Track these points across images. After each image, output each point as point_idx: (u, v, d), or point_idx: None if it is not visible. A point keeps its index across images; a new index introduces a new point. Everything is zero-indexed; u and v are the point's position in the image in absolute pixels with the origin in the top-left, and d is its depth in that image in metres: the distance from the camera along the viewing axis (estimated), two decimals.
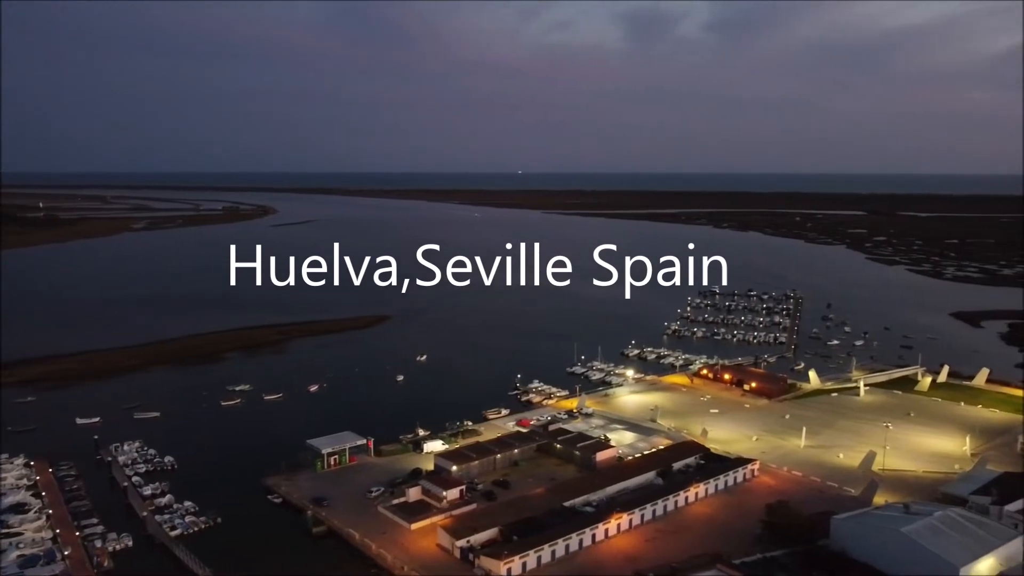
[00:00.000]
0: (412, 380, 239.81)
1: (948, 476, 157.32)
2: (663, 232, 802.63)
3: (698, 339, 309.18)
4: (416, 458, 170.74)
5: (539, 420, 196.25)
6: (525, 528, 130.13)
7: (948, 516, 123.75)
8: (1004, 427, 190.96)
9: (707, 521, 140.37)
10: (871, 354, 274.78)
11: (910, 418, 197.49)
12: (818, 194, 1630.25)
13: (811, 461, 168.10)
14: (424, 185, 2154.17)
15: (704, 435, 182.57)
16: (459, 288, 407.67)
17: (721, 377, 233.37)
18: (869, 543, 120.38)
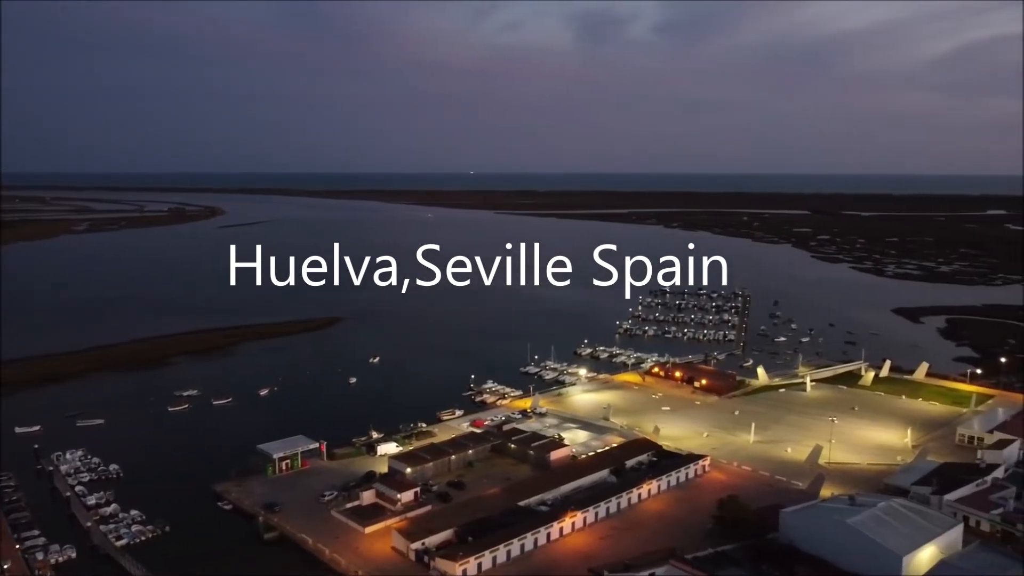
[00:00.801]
0: (365, 382, 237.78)
1: (891, 468, 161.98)
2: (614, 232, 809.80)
3: (649, 338, 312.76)
4: (370, 461, 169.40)
5: (493, 420, 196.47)
6: (480, 528, 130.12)
7: (891, 507, 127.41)
8: (943, 419, 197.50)
9: (660, 517, 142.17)
10: (817, 350, 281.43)
11: (854, 412, 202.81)
12: (764, 194, 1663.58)
13: (760, 456, 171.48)
14: (377, 186, 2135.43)
15: (656, 432, 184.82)
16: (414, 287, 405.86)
17: (672, 375, 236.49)
18: (816, 535, 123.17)
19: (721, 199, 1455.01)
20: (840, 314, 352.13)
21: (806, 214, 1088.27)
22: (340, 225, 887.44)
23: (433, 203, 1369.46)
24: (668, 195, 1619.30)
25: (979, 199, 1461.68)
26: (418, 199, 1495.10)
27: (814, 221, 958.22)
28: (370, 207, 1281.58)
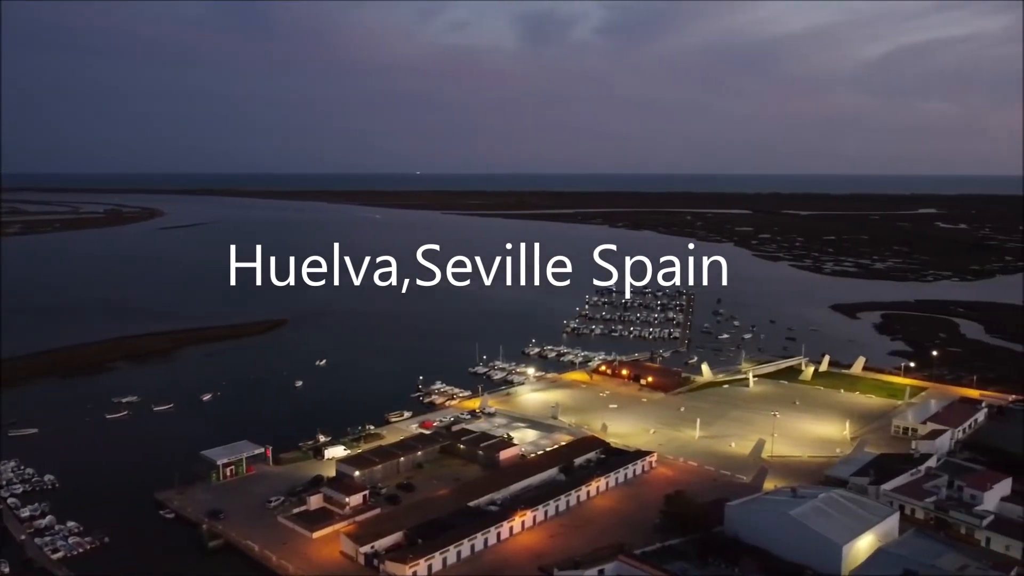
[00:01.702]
0: (311, 385, 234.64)
1: (830, 460, 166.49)
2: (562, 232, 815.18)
3: (596, 336, 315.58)
4: (317, 465, 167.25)
5: (442, 421, 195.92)
6: (430, 530, 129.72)
7: (831, 497, 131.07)
8: (880, 411, 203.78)
9: (609, 514, 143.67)
10: (759, 346, 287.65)
11: (795, 406, 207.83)
12: (707, 194, 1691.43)
13: (705, 451, 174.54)
14: (323, 186, 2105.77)
15: (604, 430, 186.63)
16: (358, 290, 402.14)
17: (619, 373, 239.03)
18: (760, 527, 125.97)
19: (665, 199, 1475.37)
20: (781, 311, 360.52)
21: (747, 213, 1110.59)
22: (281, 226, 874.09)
23: (379, 204, 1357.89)
24: (614, 195, 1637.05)
25: (911, 198, 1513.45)
26: (365, 200, 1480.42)
27: (755, 220, 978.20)
28: (315, 208, 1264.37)
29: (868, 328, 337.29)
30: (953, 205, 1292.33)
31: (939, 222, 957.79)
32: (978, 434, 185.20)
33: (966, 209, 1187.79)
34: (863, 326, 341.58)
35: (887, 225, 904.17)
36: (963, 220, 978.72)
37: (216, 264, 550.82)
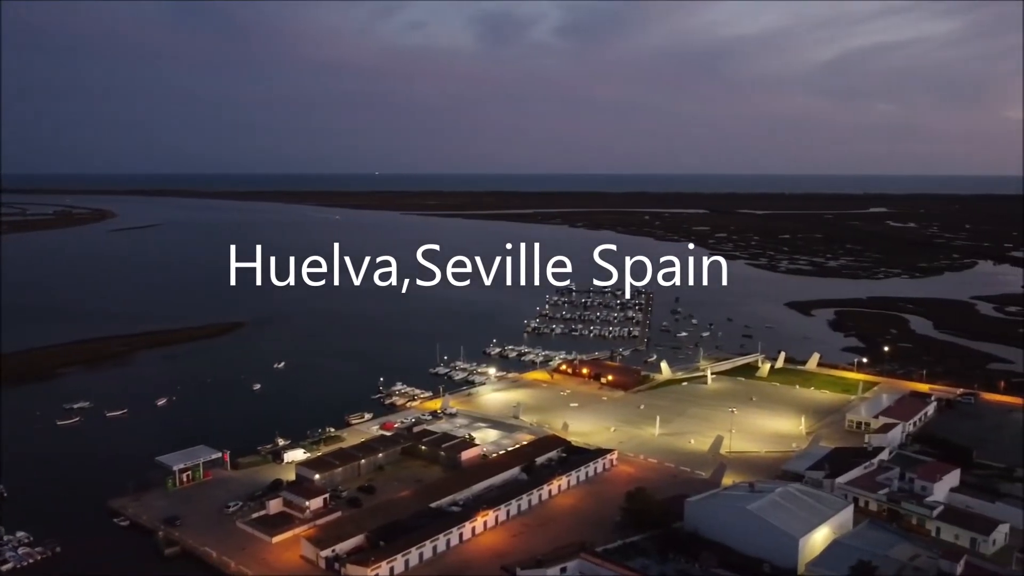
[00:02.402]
0: (269, 388, 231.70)
1: (787, 454, 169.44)
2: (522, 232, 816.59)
3: (557, 336, 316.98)
4: (276, 469, 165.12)
5: (403, 422, 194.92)
6: (392, 532, 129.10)
7: (788, 491, 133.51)
8: (834, 406, 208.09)
9: (571, 512, 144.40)
10: (716, 344, 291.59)
11: (753, 402, 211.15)
12: (665, 193, 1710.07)
13: (665, 448, 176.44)
14: (280, 187, 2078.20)
15: (565, 429, 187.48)
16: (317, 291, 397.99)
17: (579, 372, 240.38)
18: (719, 522, 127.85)
19: (623, 199, 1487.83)
20: (737, 309, 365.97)
21: (704, 213, 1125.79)
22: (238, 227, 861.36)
23: (338, 204, 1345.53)
24: (572, 195, 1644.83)
25: (862, 198, 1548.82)
26: (323, 200, 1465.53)
27: (712, 220, 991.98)
28: (273, 208, 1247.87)
29: (822, 325, 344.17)
30: (902, 204, 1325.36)
31: (889, 221, 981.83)
32: (928, 427, 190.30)
33: (914, 208, 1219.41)
34: (817, 323, 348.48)
35: (840, 224, 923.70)
36: (912, 219, 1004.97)
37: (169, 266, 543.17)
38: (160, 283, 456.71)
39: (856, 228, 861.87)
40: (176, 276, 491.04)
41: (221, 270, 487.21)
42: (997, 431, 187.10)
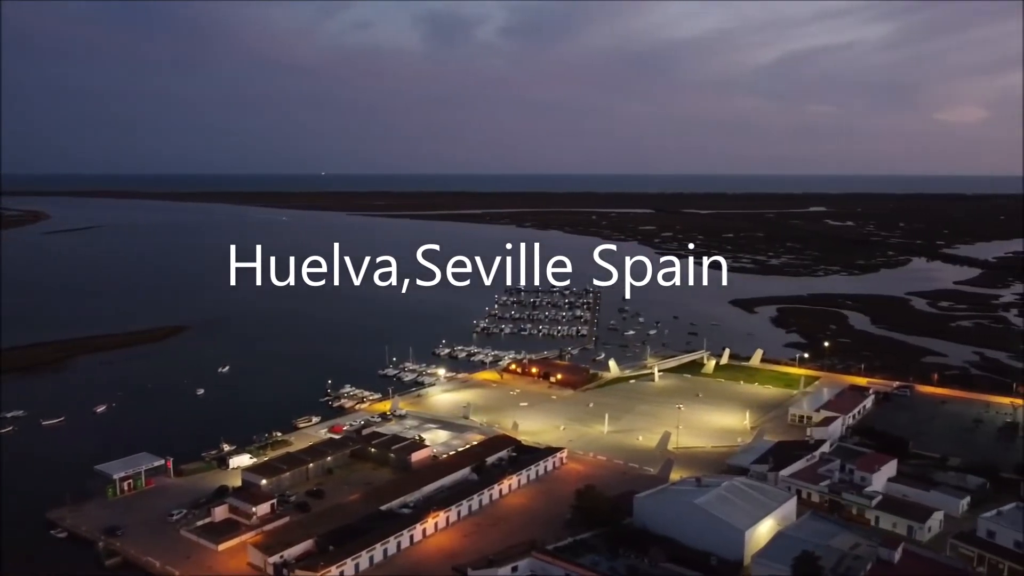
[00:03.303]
0: (214, 393, 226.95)
1: (732, 449, 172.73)
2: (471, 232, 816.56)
3: (506, 336, 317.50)
4: (222, 475, 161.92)
5: (352, 425, 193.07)
6: (342, 536, 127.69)
7: (733, 485, 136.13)
8: (777, 401, 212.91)
9: (521, 511, 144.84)
10: (663, 342, 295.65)
11: (699, 399, 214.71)
12: (612, 194, 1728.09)
13: (614, 445, 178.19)
14: (223, 187, 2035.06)
15: (515, 428, 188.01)
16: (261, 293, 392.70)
17: (529, 371, 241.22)
18: (667, 517, 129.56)
19: (571, 199, 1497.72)
20: (683, 307, 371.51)
21: (650, 213, 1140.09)
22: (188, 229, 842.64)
23: (284, 205, 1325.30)
24: (521, 195, 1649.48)
25: (802, 197, 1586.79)
26: (268, 201, 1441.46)
27: (658, 219, 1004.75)
28: (217, 210, 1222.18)
29: (765, 322, 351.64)
30: (840, 203, 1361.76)
31: (828, 220, 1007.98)
32: (866, 419, 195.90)
33: (851, 207, 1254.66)
34: (760, 320, 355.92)
35: (781, 223, 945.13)
36: (850, 218, 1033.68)
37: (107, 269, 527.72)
38: (97, 287, 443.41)
39: (797, 227, 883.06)
40: (114, 280, 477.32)
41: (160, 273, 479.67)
42: (931, 422, 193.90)
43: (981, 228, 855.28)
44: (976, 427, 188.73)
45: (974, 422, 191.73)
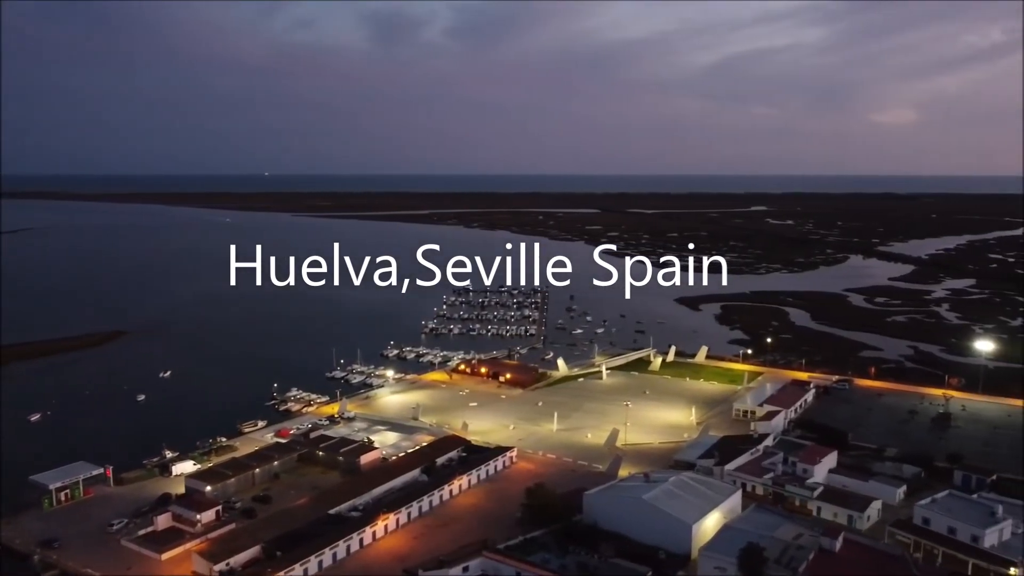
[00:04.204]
0: (155, 399, 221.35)
1: (679, 445, 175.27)
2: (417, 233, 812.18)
3: (455, 336, 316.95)
4: (164, 482, 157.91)
5: (299, 428, 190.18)
6: (289, 541, 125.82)
7: (680, 480, 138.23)
8: (722, 397, 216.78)
9: (472, 511, 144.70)
10: (610, 340, 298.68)
11: (646, 396, 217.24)
12: (559, 194, 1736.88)
13: (563, 443, 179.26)
14: (163, 188, 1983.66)
15: (465, 428, 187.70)
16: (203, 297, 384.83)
17: (478, 371, 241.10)
18: (616, 513, 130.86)
19: (517, 199, 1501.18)
20: (630, 305, 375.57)
21: (596, 212, 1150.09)
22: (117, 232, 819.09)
23: (225, 206, 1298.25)
24: (469, 195, 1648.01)
25: (744, 197, 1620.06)
26: (209, 201, 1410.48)
27: (603, 219, 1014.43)
28: (154, 211, 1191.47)
29: (709, 319, 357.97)
30: (780, 203, 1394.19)
31: (769, 219, 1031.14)
32: (808, 413, 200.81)
33: (791, 206, 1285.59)
34: (705, 317, 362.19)
35: (724, 222, 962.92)
36: (790, 217, 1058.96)
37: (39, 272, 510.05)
38: (30, 291, 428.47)
39: (739, 226, 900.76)
40: (48, 284, 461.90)
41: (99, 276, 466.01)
42: (869, 414, 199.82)
43: (914, 227, 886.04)
44: (911, 418, 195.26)
45: (909, 413, 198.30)
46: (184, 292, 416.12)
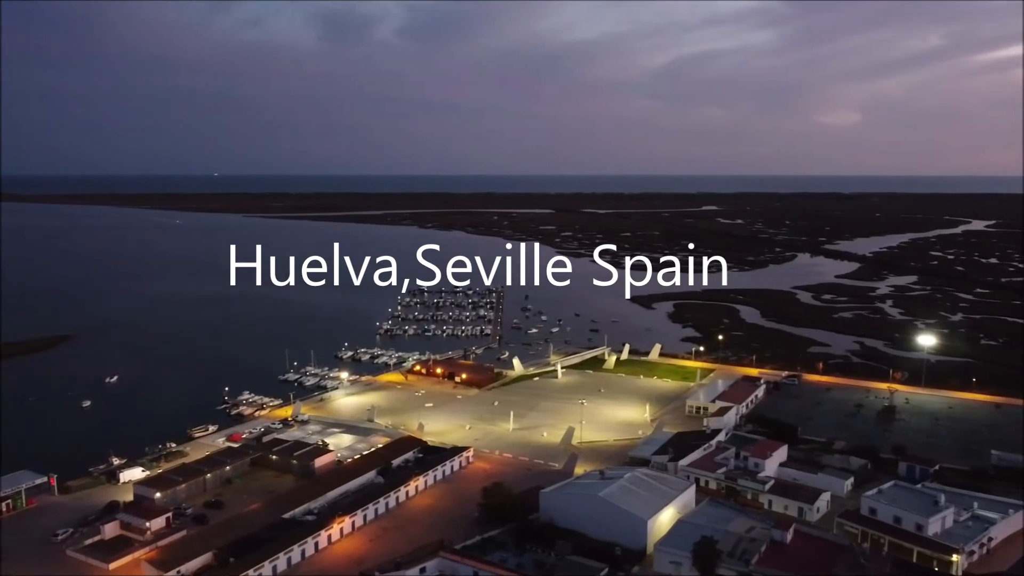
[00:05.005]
0: (102, 405, 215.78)
1: (633, 441, 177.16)
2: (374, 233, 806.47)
3: (410, 337, 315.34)
4: (112, 490, 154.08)
5: (252, 432, 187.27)
6: (243, 547, 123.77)
7: (635, 476, 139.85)
8: (675, 393, 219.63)
9: (429, 512, 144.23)
10: (565, 339, 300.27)
11: (601, 394, 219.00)
12: (513, 194, 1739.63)
13: (519, 442, 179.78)
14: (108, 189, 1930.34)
15: (421, 429, 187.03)
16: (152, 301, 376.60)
17: (433, 371, 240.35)
18: (572, 510, 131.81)
19: (472, 199, 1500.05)
20: (584, 304, 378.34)
21: (551, 213, 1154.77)
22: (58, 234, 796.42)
23: (174, 207, 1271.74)
24: (422, 196, 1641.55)
25: (696, 196, 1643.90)
26: (157, 203, 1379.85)
27: (558, 219, 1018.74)
28: (100, 213, 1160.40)
29: (662, 317, 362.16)
30: (731, 203, 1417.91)
31: (720, 218, 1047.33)
32: (758, 408, 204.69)
33: (741, 206, 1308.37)
34: (658, 315, 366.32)
35: (676, 221, 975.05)
36: (740, 216, 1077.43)
37: None
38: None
39: (691, 225, 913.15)
40: None
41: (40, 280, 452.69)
42: (817, 408, 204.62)
43: (859, 225, 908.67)
44: (858, 412, 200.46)
45: (856, 407, 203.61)
46: (133, 295, 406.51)
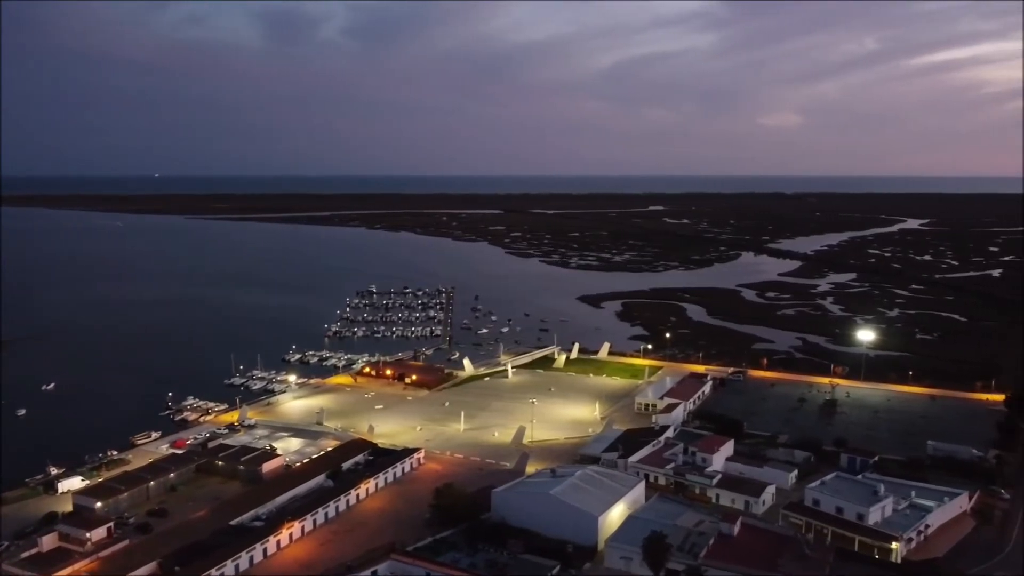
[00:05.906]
0: (38, 413, 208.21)
1: (584, 439, 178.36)
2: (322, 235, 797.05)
3: (359, 338, 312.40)
4: (50, 500, 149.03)
5: (197, 438, 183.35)
6: (189, 555, 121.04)
7: (586, 474, 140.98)
8: (624, 391, 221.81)
9: (380, 514, 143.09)
10: (515, 339, 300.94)
11: (551, 392, 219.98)
12: (462, 195, 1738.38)
13: (471, 442, 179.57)
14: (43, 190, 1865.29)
15: (371, 431, 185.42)
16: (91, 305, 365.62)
17: (383, 373, 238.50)
18: (524, 509, 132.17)
19: (420, 200, 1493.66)
20: (534, 304, 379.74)
21: (499, 213, 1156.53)
22: None
23: (113, 209, 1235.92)
24: (370, 197, 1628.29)
25: (642, 197, 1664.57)
26: (94, 204, 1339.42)
27: (507, 220, 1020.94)
28: (36, 215, 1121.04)
29: (611, 316, 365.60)
30: (676, 203, 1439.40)
31: (666, 218, 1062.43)
32: (705, 404, 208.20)
33: (687, 206, 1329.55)
34: (607, 314, 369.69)
35: (624, 221, 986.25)
36: (685, 216, 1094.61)
37: None
38: None
39: (638, 225, 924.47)
40: None
41: None
42: (762, 403, 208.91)
43: (800, 224, 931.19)
44: (801, 406, 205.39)
45: (799, 401, 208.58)
46: (70, 300, 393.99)
